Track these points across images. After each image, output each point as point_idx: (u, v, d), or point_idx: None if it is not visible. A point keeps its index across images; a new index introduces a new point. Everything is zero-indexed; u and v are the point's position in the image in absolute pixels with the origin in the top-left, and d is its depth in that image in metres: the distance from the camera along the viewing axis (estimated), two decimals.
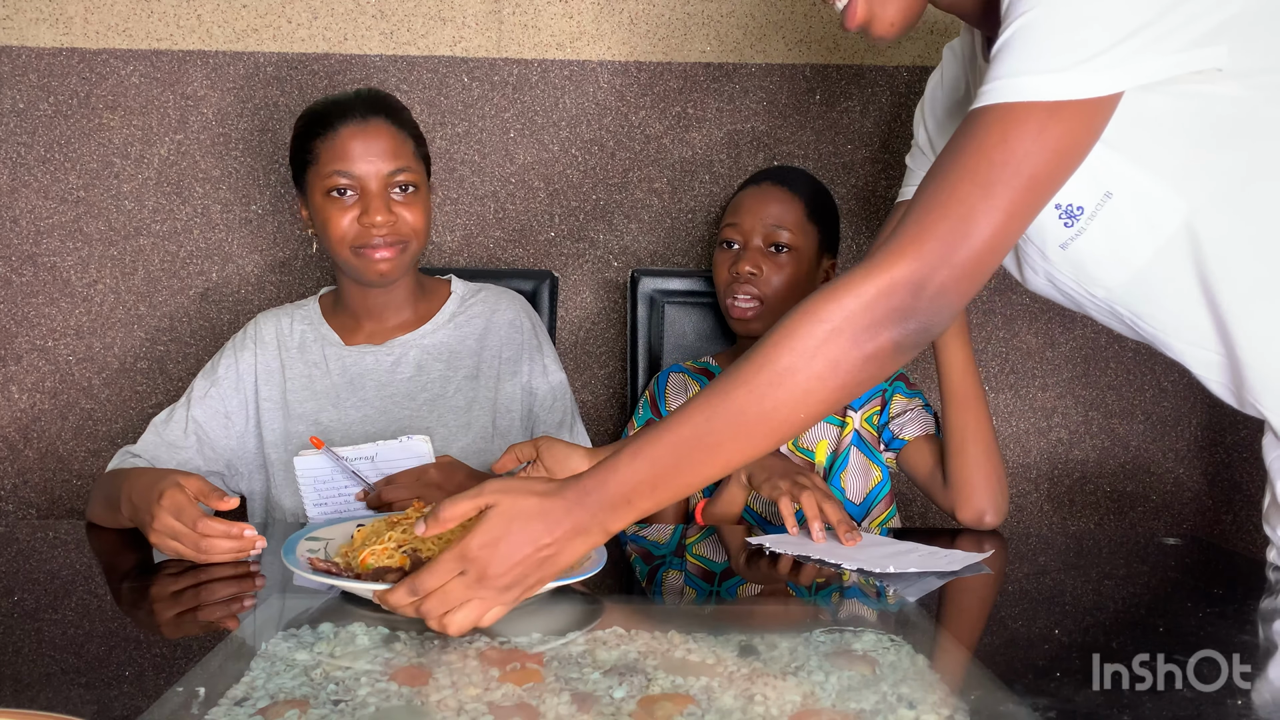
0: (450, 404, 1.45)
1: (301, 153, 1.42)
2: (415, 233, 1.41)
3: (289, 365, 1.47)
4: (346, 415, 1.43)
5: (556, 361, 1.54)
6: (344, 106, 1.40)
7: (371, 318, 1.49)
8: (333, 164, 1.37)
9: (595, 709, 0.72)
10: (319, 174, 1.39)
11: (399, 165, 1.38)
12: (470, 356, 1.48)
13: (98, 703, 0.72)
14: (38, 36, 1.81)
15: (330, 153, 1.38)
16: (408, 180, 1.39)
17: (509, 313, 1.52)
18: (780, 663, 0.81)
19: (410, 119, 1.45)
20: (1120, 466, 1.90)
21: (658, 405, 1.57)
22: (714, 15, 1.84)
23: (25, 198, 1.83)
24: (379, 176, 1.37)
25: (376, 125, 1.39)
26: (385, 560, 0.93)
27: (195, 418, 1.42)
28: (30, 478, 1.85)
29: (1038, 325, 1.90)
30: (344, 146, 1.37)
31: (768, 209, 1.53)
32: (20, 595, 1.00)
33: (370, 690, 0.75)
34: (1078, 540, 1.49)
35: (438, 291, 1.54)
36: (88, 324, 1.84)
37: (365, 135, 1.38)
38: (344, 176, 1.37)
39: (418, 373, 1.46)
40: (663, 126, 1.86)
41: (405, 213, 1.39)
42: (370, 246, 1.38)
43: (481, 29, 1.83)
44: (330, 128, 1.39)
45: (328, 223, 1.38)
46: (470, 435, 1.43)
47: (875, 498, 1.48)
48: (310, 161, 1.40)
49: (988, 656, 0.85)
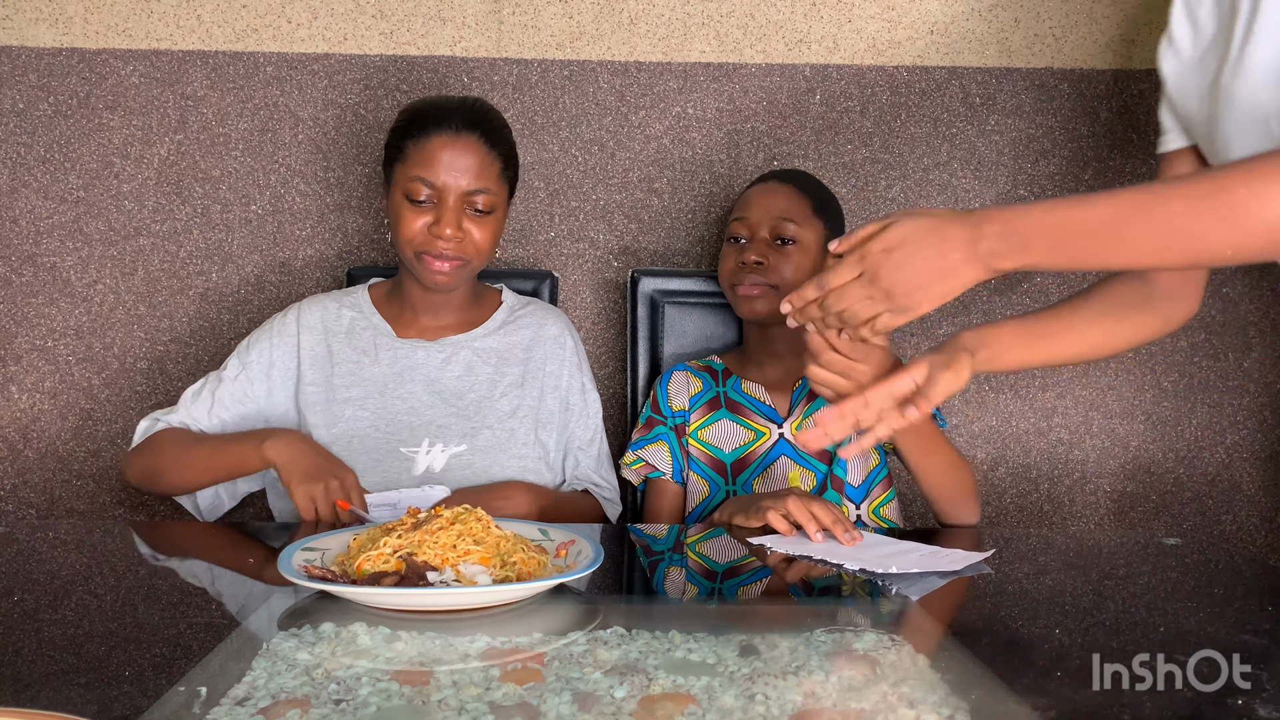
0: (495, 408, 1.46)
1: (395, 146, 1.43)
2: (479, 252, 1.42)
3: (336, 351, 1.48)
4: (392, 405, 1.44)
5: (593, 382, 1.57)
6: (443, 112, 1.41)
7: (427, 313, 1.51)
8: (417, 168, 1.39)
9: (596, 708, 0.72)
10: (404, 173, 1.40)
11: (480, 185, 1.39)
12: (517, 364, 1.50)
13: (98, 702, 0.72)
14: (38, 36, 1.81)
15: (418, 155, 1.39)
16: (486, 201, 1.40)
17: (554, 328, 1.55)
18: (781, 662, 0.81)
19: (506, 138, 1.46)
20: (1120, 467, 1.90)
21: (659, 405, 1.57)
22: (714, 15, 1.84)
23: (25, 198, 1.83)
24: (458, 191, 1.39)
25: (468, 140, 1.39)
26: (381, 565, 0.93)
27: (220, 399, 1.45)
28: (30, 478, 1.85)
29: None
30: (432, 153, 1.38)
31: (774, 202, 1.54)
32: (20, 595, 1.00)
33: (372, 690, 0.75)
34: (1078, 540, 1.50)
35: (489, 299, 1.58)
36: (87, 324, 1.84)
37: (455, 148, 1.38)
38: (425, 184, 1.38)
39: (467, 373, 1.48)
40: (662, 127, 1.86)
41: (475, 230, 1.40)
42: (432, 255, 1.40)
43: (481, 29, 1.83)
44: (424, 131, 1.39)
45: (399, 220, 1.40)
46: (514, 443, 1.45)
47: (873, 480, 1.50)
48: (399, 158, 1.41)
49: (988, 656, 0.85)
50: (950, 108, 1.86)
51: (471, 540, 0.96)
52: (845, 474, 1.48)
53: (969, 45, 1.84)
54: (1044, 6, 1.83)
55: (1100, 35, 1.84)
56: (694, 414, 1.55)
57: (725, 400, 1.55)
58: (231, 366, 1.47)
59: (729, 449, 1.52)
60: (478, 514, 0.99)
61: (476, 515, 0.99)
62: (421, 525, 0.97)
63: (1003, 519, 1.90)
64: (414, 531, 0.96)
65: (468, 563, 0.93)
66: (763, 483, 1.50)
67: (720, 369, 1.59)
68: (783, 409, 1.54)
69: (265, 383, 1.47)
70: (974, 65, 1.84)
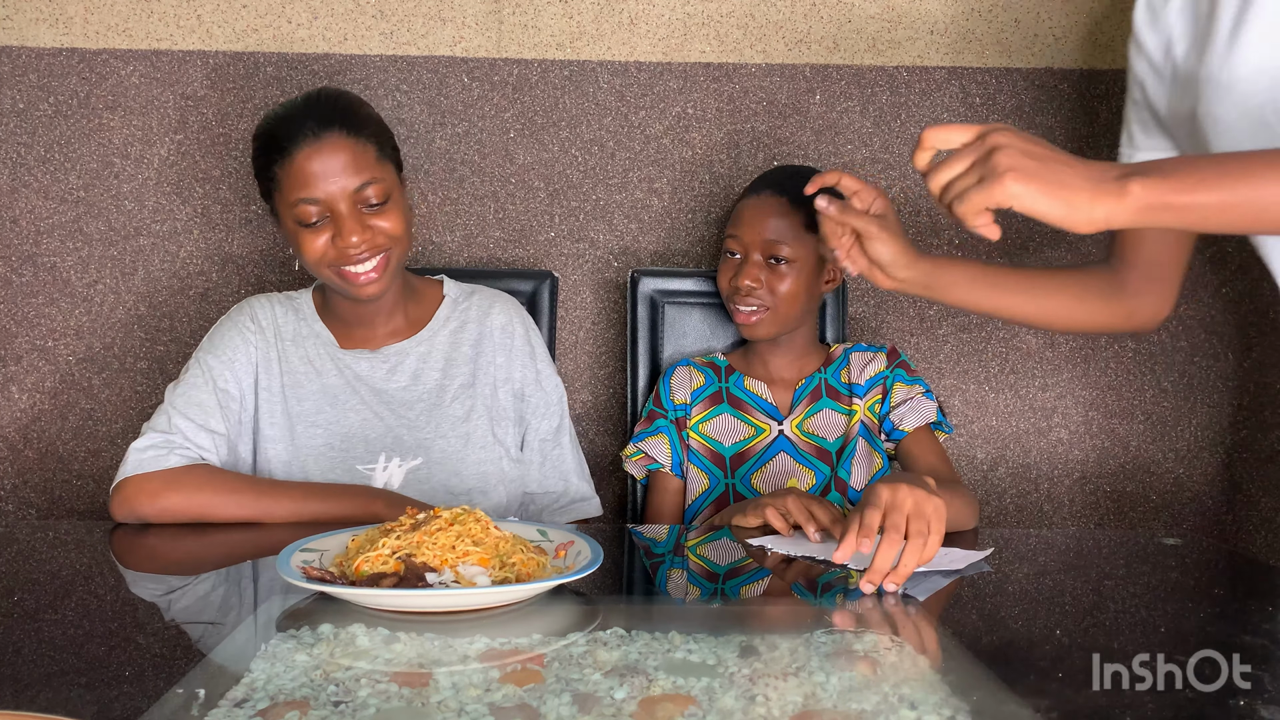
0: (447, 414, 1.42)
1: (263, 176, 1.35)
2: (395, 240, 1.34)
3: (285, 358, 1.43)
4: (346, 417, 1.41)
5: (551, 367, 1.51)
6: (295, 124, 1.31)
7: (362, 324, 1.45)
8: (296, 191, 1.30)
9: (596, 710, 0.72)
10: (284, 201, 1.32)
11: (364, 179, 1.31)
12: (466, 364, 1.45)
13: (97, 703, 0.72)
14: (37, 36, 1.81)
15: (291, 180, 1.30)
16: (377, 192, 1.32)
17: (501, 317, 1.48)
18: (781, 663, 0.81)
19: (369, 116, 1.37)
20: (1120, 467, 1.90)
21: (661, 399, 1.58)
22: (714, 15, 1.84)
23: (25, 198, 1.83)
24: (345, 195, 1.30)
25: (332, 140, 1.30)
26: (380, 566, 0.93)
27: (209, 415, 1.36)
28: (30, 478, 1.85)
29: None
30: (302, 171, 1.29)
31: (766, 222, 1.51)
32: (20, 595, 1.00)
33: (371, 691, 0.75)
34: (1078, 540, 1.49)
35: (429, 294, 1.50)
36: (88, 324, 1.84)
37: (323, 153, 1.30)
38: (310, 204, 1.30)
39: (414, 381, 1.43)
40: (662, 127, 1.86)
41: (380, 222, 1.33)
42: (351, 264, 1.32)
43: (481, 29, 1.83)
44: (285, 152, 1.31)
45: (302, 248, 1.33)
46: (471, 448, 1.41)
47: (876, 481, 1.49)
48: (273, 188, 1.34)
49: (989, 656, 0.85)
50: (950, 108, 1.86)
51: (470, 541, 0.95)
52: (849, 476, 1.48)
53: (969, 45, 1.84)
54: (1044, 6, 1.83)
55: (1100, 35, 1.84)
56: (695, 408, 1.56)
57: (727, 395, 1.56)
58: (211, 365, 1.39)
59: (729, 443, 1.53)
60: (476, 515, 0.99)
61: (475, 516, 0.99)
62: (420, 526, 0.97)
63: (1003, 519, 1.90)
64: (413, 532, 0.96)
65: (466, 564, 0.93)
66: (761, 478, 1.51)
67: (724, 366, 1.60)
68: (784, 406, 1.55)
69: (238, 385, 1.39)
70: (974, 65, 1.84)
